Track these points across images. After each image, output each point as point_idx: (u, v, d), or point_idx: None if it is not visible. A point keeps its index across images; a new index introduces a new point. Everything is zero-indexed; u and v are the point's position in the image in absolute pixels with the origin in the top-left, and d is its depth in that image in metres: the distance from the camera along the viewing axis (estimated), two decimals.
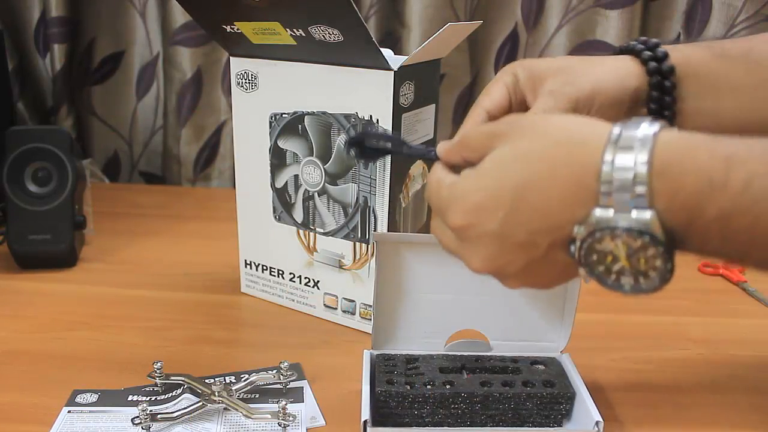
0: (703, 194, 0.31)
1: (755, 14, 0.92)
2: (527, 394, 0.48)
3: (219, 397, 0.50)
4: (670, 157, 0.31)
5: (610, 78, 0.47)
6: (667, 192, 0.31)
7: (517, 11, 1.00)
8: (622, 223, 0.32)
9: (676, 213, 0.31)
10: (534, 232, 0.35)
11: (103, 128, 1.15)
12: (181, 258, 0.82)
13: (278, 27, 0.57)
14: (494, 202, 0.35)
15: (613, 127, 0.33)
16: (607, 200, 0.32)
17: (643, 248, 0.32)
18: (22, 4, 1.08)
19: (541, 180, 0.34)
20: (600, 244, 0.33)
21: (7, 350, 0.60)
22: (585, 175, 0.33)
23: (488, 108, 0.48)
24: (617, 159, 0.32)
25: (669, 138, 0.32)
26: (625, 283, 0.34)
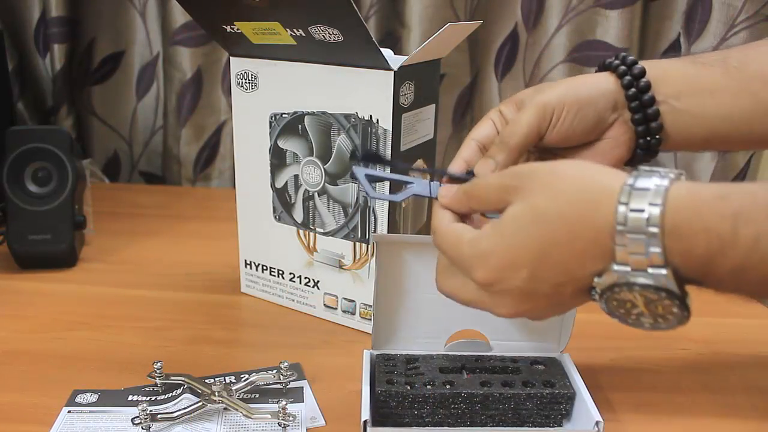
0: (714, 253, 0.32)
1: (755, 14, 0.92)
2: (527, 394, 0.48)
3: (219, 397, 0.50)
4: (680, 219, 0.33)
5: (579, 83, 0.49)
6: (680, 251, 0.33)
7: (517, 11, 1.00)
8: (639, 280, 0.34)
9: (691, 269, 0.33)
10: (557, 285, 0.37)
11: (103, 128, 1.15)
12: (181, 258, 0.82)
13: (278, 27, 0.57)
14: (518, 262, 0.38)
15: (624, 182, 0.35)
16: (623, 257, 0.34)
17: (660, 300, 0.35)
18: (22, 4, 1.08)
19: (559, 240, 0.36)
20: (619, 295, 0.36)
21: (7, 350, 0.60)
22: (601, 234, 0.35)
23: (478, 138, 0.50)
24: (629, 221, 0.34)
25: (678, 195, 0.34)
26: (645, 323, 0.37)
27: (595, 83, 0.49)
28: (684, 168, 1.02)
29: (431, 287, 0.53)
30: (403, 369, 0.51)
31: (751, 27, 0.93)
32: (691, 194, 0.34)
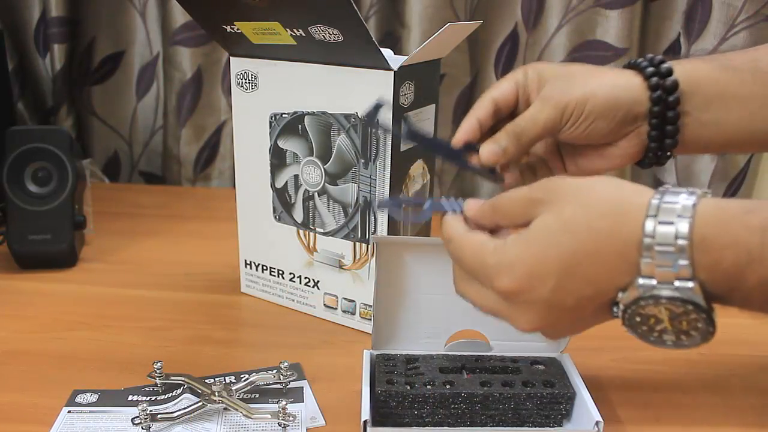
0: (742, 266, 0.32)
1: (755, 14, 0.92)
2: (527, 394, 0.48)
3: (219, 397, 0.50)
4: (708, 231, 0.33)
5: (604, 87, 0.47)
6: (708, 265, 0.33)
7: (517, 11, 1.00)
8: (665, 293, 0.34)
9: (718, 283, 0.33)
10: (581, 298, 0.37)
11: (103, 128, 1.15)
12: (181, 258, 0.82)
13: (278, 27, 0.57)
14: (545, 271, 0.37)
15: (653, 197, 0.35)
16: (649, 271, 0.34)
17: (686, 314, 0.35)
18: (22, 4, 1.08)
19: (587, 252, 0.36)
20: (644, 309, 0.35)
21: (7, 350, 0.60)
22: (628, 247, 0.35)
23: (496, 98, 0.49)
24: (658, 234, 0.34)
25: (706, 210, 0.34)
26: (667, 340, 0.37)
27: (621, 90, 0.48)
28: (684, 168, 1.02)
29: (431, 287, 0.53)
30: (403, 369, 0.51)
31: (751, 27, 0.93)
32: (718, 209, 0.34)
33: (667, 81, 0.47)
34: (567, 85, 0.48)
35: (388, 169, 0.58)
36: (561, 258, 0.36)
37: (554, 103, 0.47)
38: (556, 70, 0.49)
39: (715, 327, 0.35)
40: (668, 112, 0.47)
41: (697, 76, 0.48)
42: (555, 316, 0.38)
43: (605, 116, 0.47)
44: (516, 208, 0.40)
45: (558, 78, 0.48)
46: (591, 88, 0.47)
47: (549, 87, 0.48)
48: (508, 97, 0.49)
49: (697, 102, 0.48)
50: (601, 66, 0.51)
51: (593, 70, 0.49)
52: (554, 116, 0.47)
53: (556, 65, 0.50)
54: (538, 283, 0.37)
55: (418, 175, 0.63)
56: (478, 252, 0.40)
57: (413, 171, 0.62)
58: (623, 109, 0.48)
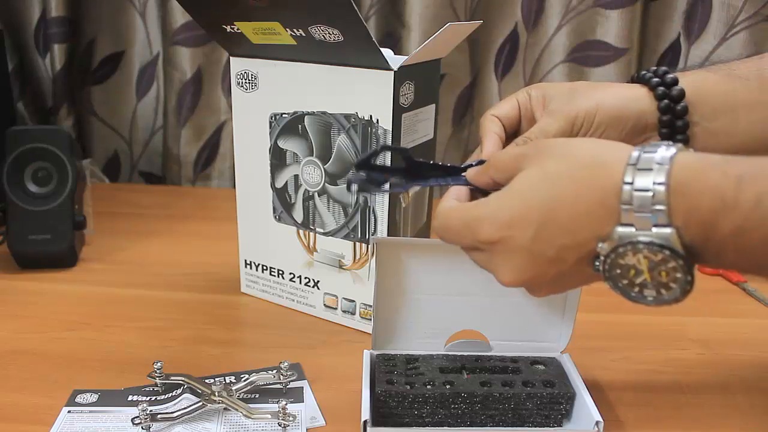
0: (717, 212, 0.32)
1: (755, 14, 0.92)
2: (527, 394, 0.48)
3: (219, 397, 0.50)
4: (685, 177, 0.33)
5: (612, 98, 0.48)
6: (684, 210, 0.33)
7: (517, 11, 1.00)
8: (643, 239, 0.34)
9: (693, 230, 0.33)
10: (562, 248, 0.37)
11: (103, 128, 1.15)
12: (181, 258, 0.82)
13: (278, 27, 0.57)
14: (525, 219, 0.37)
15: (633, 150, 0.35)
16: (628, 218, 0.34)
17: (664, 261, 0.34)
18: (22, 4, 1.08)
19: (567, 200, 0.36)
20: (623, 259, 0.35)
21: (7, 350, 0.60)
22: (607, 195, 0.35)
23: (497, 114, 0.50)
24: (636, 180, 0.34)
25: (685, 159, 0.34)
26: (648, 295, 0.37)
27: (628, 100, 0.48)
28: None
29: (431, 287, 0.53)
30: (403, 369, 0.51)
31: (751, 27, 0.93)
32: (697, 158, 0.34)
33: (672, 90, 0.47)
34: (573, 98, 0.48)
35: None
36: (541, 206, 0.37)
37: (564, 116, 0.47)
38: (560, 87, 0.50)
39: (693, 277, 0.35)
40: (677, 122, 0.48)
41: (704, 86, 0.48)
42: (537, 267, 0.38)
43: (615, 126, 0.48)
44: (508, 162, 0.40)
45: (563, 94, 0.49)
46: (598, 100, 0.48)
47: (555, 102, 0.49)
48: (511, 115, 0.50)
49: (705, 112, 0.48)
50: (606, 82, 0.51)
51: (597, 84, 0.50)
52: (564, 128, 0.47)
53: (559, 83, 0.51)
54: (518, 230, 0.37)
55: None
56: (462, 212, 0.40)
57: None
58: (632, 119, 0.48)
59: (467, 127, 1.09)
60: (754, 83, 0.48)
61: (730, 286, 0.77)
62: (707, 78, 0.49)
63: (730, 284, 0.78)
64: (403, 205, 0.62)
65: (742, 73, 0.48)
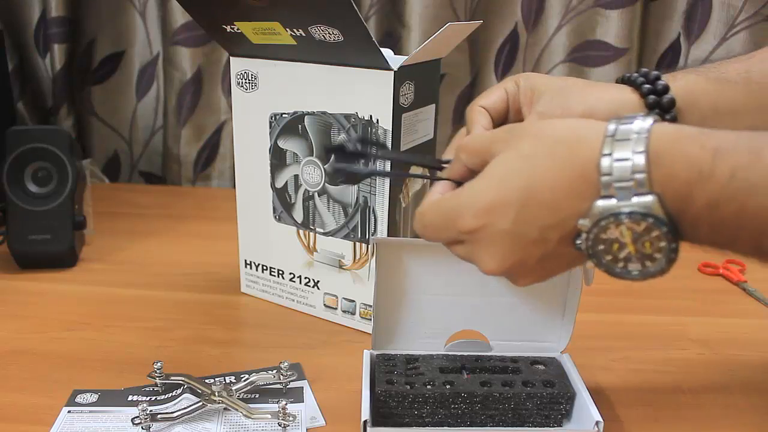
0: (693, 183, 0.32)
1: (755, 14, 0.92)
2: (527, 394, 0.48)
3: (219, 397, 0.50)
4: (663, 147, 0.33)
5: (604, 106, 0.47)
6: (662, 180, 0.33)
7: (517, 11, 1.00)
8: (625, 209, 0.34)
9: (671, 200, 0.33)
10: (544, 228, 0.36)
11: (103, 128, 1.15)
12: (181, 258, 0.82)
13: (278, 27, 0.57)
14: (504, 201, 0.36)
15: (609, 123, 0.35)
16: (608, 191, 0.34)
17: (648, 230, 0.34)
18: (22, 4, 1.08)
19: (546, 177, 0.35)
20: (605, 233, 0.34)
21: (7, 350, 0.60)
22: (587, 169, 0.34)
23: (485, 105, 0.49)
24: (615, 151, 0.34)
25: (662, 130, 0.34)
26: (633, 269, 0.36)
27: (619, 107, 0.47)
28: None
29: (431, 288, 0.53)
30: (403, 369, 0.51)
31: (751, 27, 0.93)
32: (674, 129, 0.34)
33: (663, 99, 0.47)
34: (565, 100, 0.47)
35: (388, 169, 0.58)
36: (520, 186, 0.36)
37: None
38: (550, 83, 0.48)
39: (677, 245, 0.34)
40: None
41: (693, 93, 0.48)
42: (520, 251, 0.37)
43: None
44: (482, 145, 0.39)
45: (553, 92, 0.48)
46: (590, 105, 0.47)
47: (545, 102, 0.47)
48: (499, 106, 0.49)
49: (692, 118, 0.47)
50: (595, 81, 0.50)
51: (588, 85, 0.49)
52: None
53: (549, 77, 0.49)
54: (499, 215, 0.36)
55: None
56: (439, 205, 0.40)
57: (413, 171, 0.62)
58: None
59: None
60: (740, 88, 0.47)
61: (730, 286, 0.77)
62: (696, 83, 0.48)
63: (731, 284, 0.78)
64: (403, 205, 0.62)
65: (730, 77, 0.48)
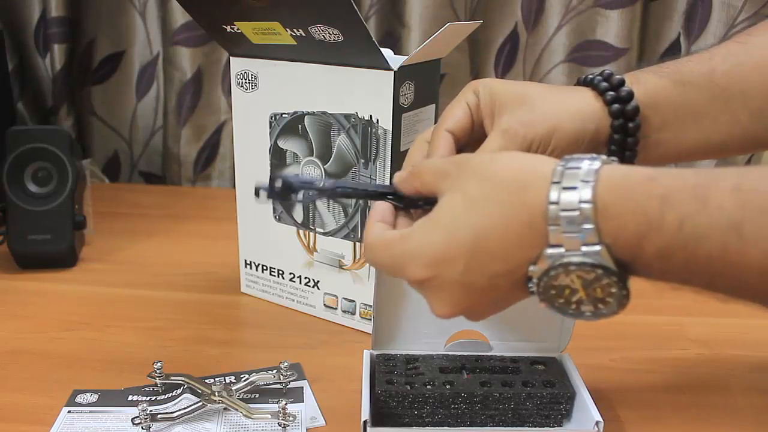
0: (642, 234, 0.32)
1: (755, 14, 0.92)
2: (527, 394, 0.48)
3: (219, 397, 0.50)
4: (611, 197, 0.32)
5: (568, 120, 0.45)
6: (611, 231, 0.32)
7: (517, 11, 1.00)
8: (574, 259, 0.33)
9: (620, 250, 0.32)
10: (494, 276, 0.36)
11: (103, 128, 1.15)
12: (181, 258, 0.82)
13: (278, 27, 0.57)
14: (453, 253, 0.36)
15: (557, 165, 0.34)
16: (557, 239, 0.33)
17: (598, 279, 0.33)
18: (22, 4, 1.08)
19: (494, 226, 0.35)
20: (556, 280, 0.34)
21: (7, 350, 0.60)
22: (534, 217, 0.34)
23: (451, 129, 0.47)
24: (562, 199, 0.33)
25: (610, 175, 0.33)
26: (586, 311, 0.35)
27: (585, 122, 0.45)
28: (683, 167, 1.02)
29: None
30: (403, 369, 0.51)
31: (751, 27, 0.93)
32: (622, 175, 0.33)
33: (628, 107, 0.45)
34: (530, 115, 0.45)
35: (388, 169, 0.58)
36: (468, 237, 0.35)
37: (520, 139, 0.44)
38: (510, 91, 0.46)
39: (628, 290, 0.34)
40: (628, 139, 0.46)
41: (656, 98, 0.46)
42: (471, 298, 0.37)
43: (570, 149, 0.45)
44: (430, 176, 0.39)
45: (515, 104, 0.45)
46: (556, 121, 0.45)
47: (509, 118, 0.45)
48: (464, 124, 0.47)
49: (655, 124, 0.47)
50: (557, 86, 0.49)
51: (550, 92, 0.47)
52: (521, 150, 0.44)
53: (509, 83, 0.47)
54: (447, 267, 0.36)
55: None
56: (388, 249, 0.39)
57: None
58: (587, 139, 0.46)
59: None
60: (704, 92, 0.46)
61: None
62: (659, 88, 0.47)
63: None
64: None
65: (693, 79, 0.46)
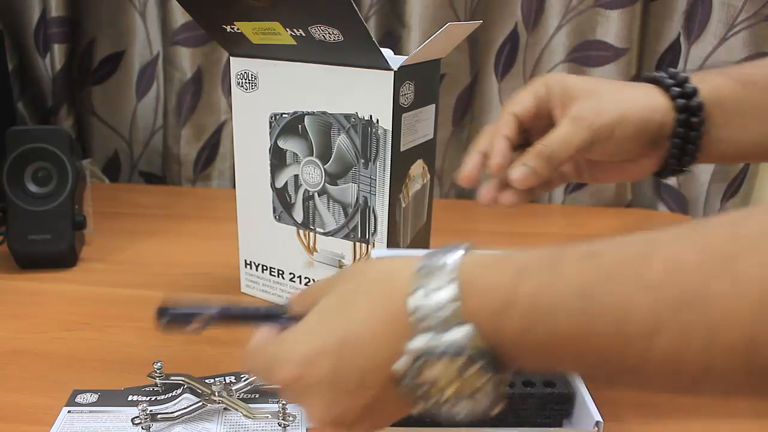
0: (500, 311, 0.30)
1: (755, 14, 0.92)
2: (527, 394, 0.48)
3: (219, 397, 0.50)
4: (470, 280, 0.31)
5: (635, 111, 0.47)
6: (471, 312, 0.31)
7: (517, 11, 1.00)
8: (438, 348, 0.31)
9: (484, 332, 0.31)
10: (364, 373, 0.34)
11: (103, 128, 1.15)
12: (181, 258, 0.82)
13: (278, 27, 0.57)
14: (321, 350, 0.34)
15: (423, 257, 0.33)
16: (420, 329, 0.31)
17: (465, 367, 0.31)
18: (22, 4, 1.08)
19: (361, 319, 0.34)
20: (422, 375, 0.32)
21: (7, 350, 0.60)
22: (398, 309, 0.32)
23: (516, 112, 0.49)
24: (423, 288, 0.31)
25: (471, 259, 0.32)
26: (460, 409, 0.33)
27: (651, 114, 0.47)
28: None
29: None
30: None
31: (751, 27, 0.93)
32: (483, 256, 0.32)
33: (692, 102, 0.47)
34: (598, 104, 0.47)
35: (388, 169, 0.58)
36: (336, 332, 0.34)
37: (587, 126, 0.46)
38: (582, 86, 0.48)
39: (502, 375, 0.31)
40: (691, 133, 0.48)
41: (720, 95, 0.48)
42: (342, 401, 0.35)
43: (635, 139, 0.48)
44: (319, 290, 0.38)
45: (586, 95, 0.48)
46: (623, 111, 0.47)
47: (579, 106, 0.47)
48: (530, 111, 0.49)
49: (718, 121, 0.48)
50: (625, 82, 0.50)
51: (620, 87, 0.49)
52: (587, 139, 0.47)
53: (580, 79, 0.49)
54: (316, 364, 0.34)
55: (418, 175, 0.63)
56: (261, 353, 0.38)
57: (413, 171, 0.62)
58: (652, 131, 0.48)
59: (467, 127, 1.09)
60: (765, 92, 0.47)
61: None
62: (723, 86, 0.48)
63: None
64: (403, 205, 0.62)
65: (757, 80, 0.48)
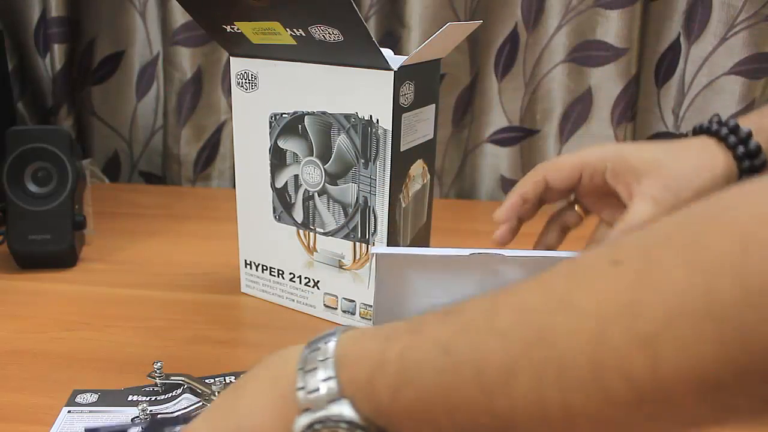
0: (370, 376, 0.30)
1: (755, 14, 0.92)
2: None
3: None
4: (345, 353, 0.32)
5: (705, 177, 0.49)
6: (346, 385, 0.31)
7: (517, 11, 1.00)
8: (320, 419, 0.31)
9: (361, 401, 0.31)
10: None
11: (103, 128, 1.15)
12: (181, 258, 0.82)
13: (278, 27, 0.57)
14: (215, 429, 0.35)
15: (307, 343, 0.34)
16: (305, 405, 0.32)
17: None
18: (22, 4, 1.08)
19: (251, 403, 0.35)
20: None
21: (7, 350, 0.60)
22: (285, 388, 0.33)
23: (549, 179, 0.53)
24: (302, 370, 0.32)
25: (348, 333, 0.33)
26: None
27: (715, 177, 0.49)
28: None
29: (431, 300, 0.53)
30: None
31: (751, 27, 0.93)
32: (356, 330, 0.33)
33: (756, 161, 0.49)
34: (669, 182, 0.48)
35: (388, 169, 0.58)
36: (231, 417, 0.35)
37: (659, 202, 0.48)
38: (645, 159, 0.50)
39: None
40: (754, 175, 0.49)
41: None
42: None
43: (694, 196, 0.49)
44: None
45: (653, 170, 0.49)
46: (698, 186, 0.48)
47: (652, 185, 0.49)
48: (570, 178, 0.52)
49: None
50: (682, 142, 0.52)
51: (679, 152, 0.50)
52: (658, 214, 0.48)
53: (636, 149, 0.51)
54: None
55: (419, 175, 0.63)
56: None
57: (413, 171, 0.62)
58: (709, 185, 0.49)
59: (467, 127, 1.09)
60: None
61: None
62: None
63: None
64: (403, 205, 0.62)
65: None
